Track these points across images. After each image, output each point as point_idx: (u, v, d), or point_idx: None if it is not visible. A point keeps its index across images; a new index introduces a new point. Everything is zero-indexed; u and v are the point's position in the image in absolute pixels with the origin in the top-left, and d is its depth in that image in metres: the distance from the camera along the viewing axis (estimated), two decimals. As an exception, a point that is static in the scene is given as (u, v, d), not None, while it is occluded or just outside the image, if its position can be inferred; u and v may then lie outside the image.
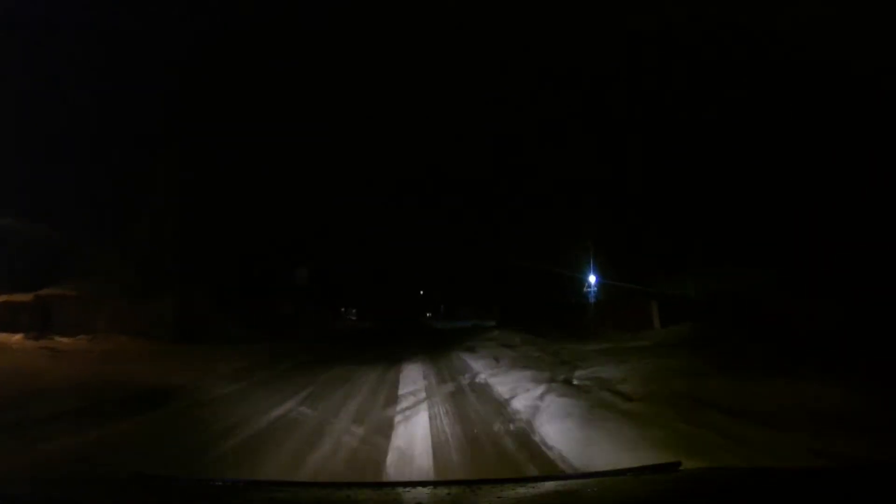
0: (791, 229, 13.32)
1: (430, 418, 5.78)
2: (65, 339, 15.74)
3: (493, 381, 8.55)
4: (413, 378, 9.10)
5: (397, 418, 5.82)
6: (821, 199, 12.59)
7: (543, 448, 4.53)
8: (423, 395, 7.39)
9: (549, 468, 3.98)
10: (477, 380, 8.89)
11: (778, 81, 13.25)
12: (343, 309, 70.31)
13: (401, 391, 7.71)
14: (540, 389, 7.29)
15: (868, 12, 10.72)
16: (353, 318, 72.09)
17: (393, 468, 4.10)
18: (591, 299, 38.95)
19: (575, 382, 7.98)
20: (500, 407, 6.41)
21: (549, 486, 2.21)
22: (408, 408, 6.48)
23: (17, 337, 14.63)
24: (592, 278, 42.76)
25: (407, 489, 2.22)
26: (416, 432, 5.18)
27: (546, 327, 20.79)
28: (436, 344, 18.67)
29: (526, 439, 4.78)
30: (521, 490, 2.05)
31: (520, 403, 6.41)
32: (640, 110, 16.98)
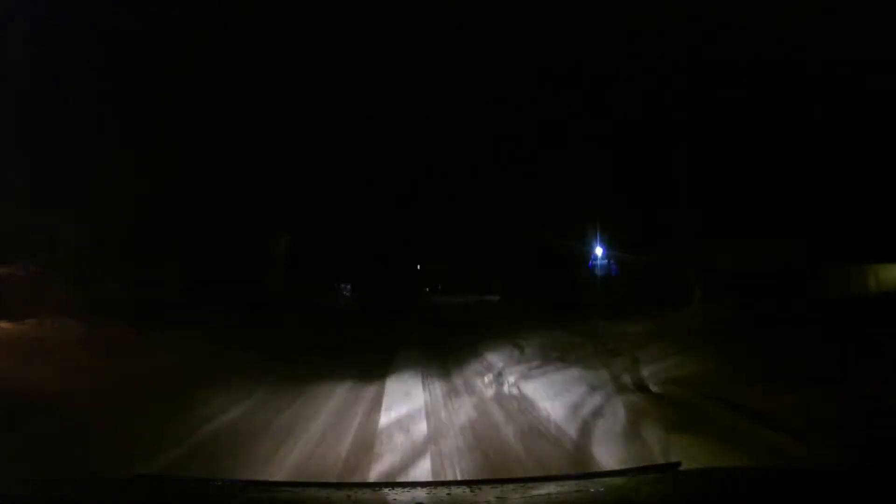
0: (817, 199, 13.48)
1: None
2: (5, 324, 15.01)
3: (528, 388, 5.71)
4: (407, 385, 6.35)
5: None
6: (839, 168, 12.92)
7: None
8: (423, 428, 4.47)
9: None
10: (504, 387, 6.02)
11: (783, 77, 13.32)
12: (337, 284, 65.80)
13: (384, 419, 4.81)
14: (618, 410, 4.31)
15: (868, 11, 10.87)
16: (347, 293, 67.28)
17: None
18: (599, 273, 35.63)
19: (655, 390, 5.11)
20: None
21: (550, 486, 2.16)
22: (390, 472, 3.57)
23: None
24: (599, 250, 39.32)
25: (407, 489, 2.20)
26: None
27: (556, 303, 19.05)
28: (437, 324, 16.40)
29: None
30: (521, 490, 2.01)
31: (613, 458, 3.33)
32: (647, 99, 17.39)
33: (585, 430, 3.91)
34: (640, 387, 5.13)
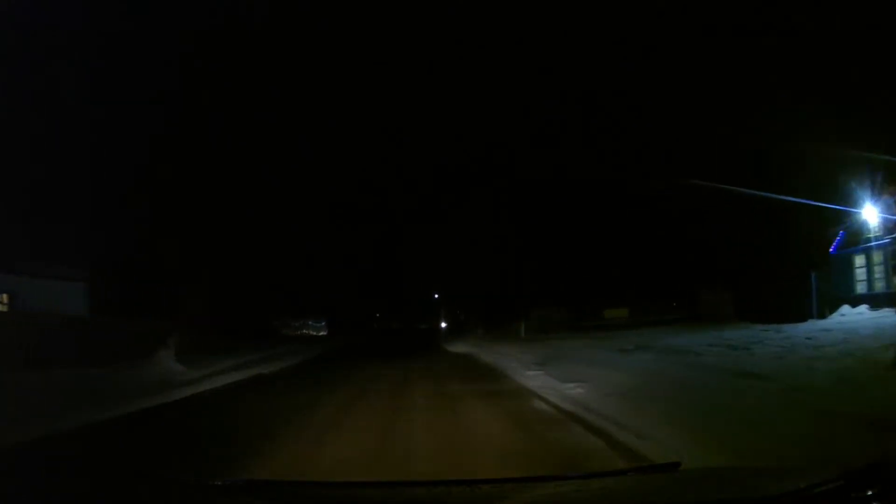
0: None
1: None
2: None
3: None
4: None
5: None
6: None
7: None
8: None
9: None
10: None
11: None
12: (296, 322, 48.49)
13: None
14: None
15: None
16: (321, 332, 50.87)
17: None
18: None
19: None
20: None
21: (550, 486, 2.27)
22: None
23: None
24: (872, 213, 15.46)
25: (407, 489, 2.39)
26: None
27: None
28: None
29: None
30: (522, 490, 2.15)
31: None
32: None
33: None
34: None
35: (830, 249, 20.95)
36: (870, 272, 18.73)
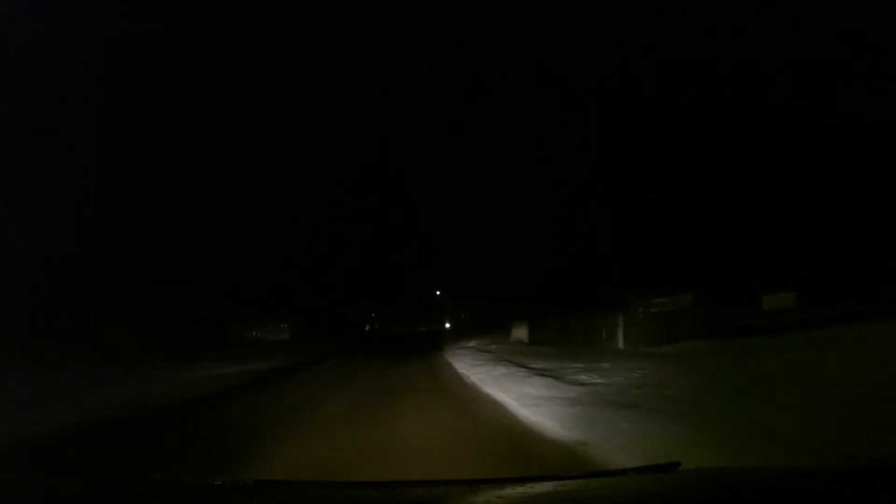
0: None
1: None
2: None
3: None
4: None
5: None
6: None
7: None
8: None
9: None
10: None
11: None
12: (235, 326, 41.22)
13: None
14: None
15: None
16: (282, 336, 45.43)
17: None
18: None
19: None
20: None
21: (549, 486, 2.33)
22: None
23: None
24: None
25: (407, 489, 2.49)
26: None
27: None
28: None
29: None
30: (521, 490, 2.23)
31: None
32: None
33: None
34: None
35: None
36: None
